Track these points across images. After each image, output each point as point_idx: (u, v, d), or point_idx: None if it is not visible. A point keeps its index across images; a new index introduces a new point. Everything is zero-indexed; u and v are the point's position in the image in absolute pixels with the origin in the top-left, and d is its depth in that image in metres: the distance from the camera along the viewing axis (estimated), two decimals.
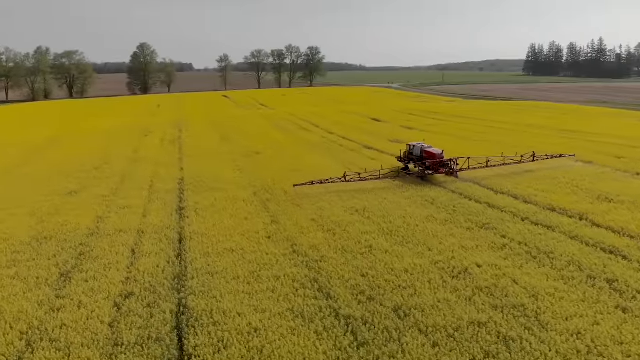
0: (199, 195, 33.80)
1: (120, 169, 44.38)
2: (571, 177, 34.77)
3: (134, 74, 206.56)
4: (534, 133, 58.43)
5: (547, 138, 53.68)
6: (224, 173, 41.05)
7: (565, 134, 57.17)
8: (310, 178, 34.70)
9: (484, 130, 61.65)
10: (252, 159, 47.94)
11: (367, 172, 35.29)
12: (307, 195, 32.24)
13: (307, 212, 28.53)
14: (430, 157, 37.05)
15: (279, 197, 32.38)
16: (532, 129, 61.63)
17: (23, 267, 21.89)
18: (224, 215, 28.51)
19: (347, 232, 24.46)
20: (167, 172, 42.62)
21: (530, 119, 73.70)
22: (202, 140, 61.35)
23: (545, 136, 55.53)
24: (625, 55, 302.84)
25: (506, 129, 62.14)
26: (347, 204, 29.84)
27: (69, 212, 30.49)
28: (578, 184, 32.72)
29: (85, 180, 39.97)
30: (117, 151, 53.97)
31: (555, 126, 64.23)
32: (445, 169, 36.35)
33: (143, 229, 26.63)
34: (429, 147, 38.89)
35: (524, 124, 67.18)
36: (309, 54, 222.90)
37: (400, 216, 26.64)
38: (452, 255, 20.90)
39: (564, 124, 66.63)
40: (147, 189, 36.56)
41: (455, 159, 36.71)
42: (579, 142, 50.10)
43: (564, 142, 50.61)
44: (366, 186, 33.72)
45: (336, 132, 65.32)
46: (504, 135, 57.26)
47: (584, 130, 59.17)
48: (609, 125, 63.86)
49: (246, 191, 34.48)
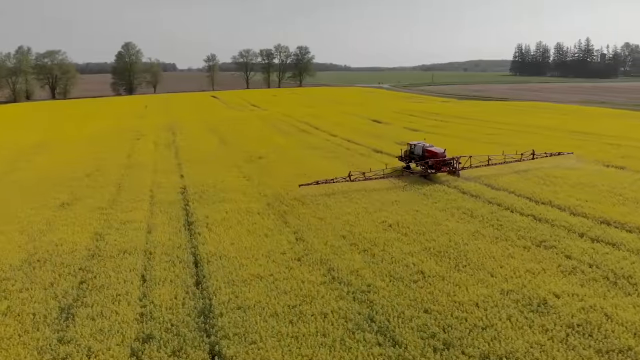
0: (207, 207, 30.57)
1: (115, 176, 40.86)
2: (609, 184, 32.29)
3: (119, 74, 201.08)
4: (545, 134, 56.11)
5: (560, 140, 51.36)
6: (229, 180, 37.82)
7: (577, 136, 55.04)
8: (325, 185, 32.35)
9: (492, 132, 59.21)
10: (256, 164, 44.74)
11: (371, 172, 34.83)
12: (328, 206, 29.25)
13: (333, 226, 25.51)
14: (432, 156, 37.17)
15: (296, 208, 29.30)
16: (541, 130, 59.40)
17: (15, 299, 18.57)
18: (240, 232, 25.35)
19: (388, 252, 21.49)
20: (166, 179, 39.25)
21: (535, 119, 71.66)
22: (198, 143, 57.93)
23: (557, 138, 53.21)
24: (612, 55, 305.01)
25: (515, 131, 59.77)
26: (376, 217, 26.88)
27: (63, 228, 27.10)
28: (621, 192, 30.27)
29: (77, 190, 36.41)
30: (109, 156, 50.32)
31: (563, 127, 62.14)
32: (448, 168, 36.31)
33: (150, 249, 23.37)
34: (430, 146, 39.10)
35: (530, 124, 64.97)
36: (298, 54, 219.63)
37: (442, 232, 23.77)
38: (522, 282, 18.07)
39: (572, 125, 64.60)
40: (147, 199, 33.22)
41: (458, 158, 36.72)
42: (596, 145, 48.01)
43: (579, 144, 48.46)
44: (380, 187, 30.91)
45: (339, 134, 62.35)
46: (515, 136, 54.79)
47: (596, 132, 57.11)
48: (618, 127, 61.96)
49: (258, 202, 31.37)
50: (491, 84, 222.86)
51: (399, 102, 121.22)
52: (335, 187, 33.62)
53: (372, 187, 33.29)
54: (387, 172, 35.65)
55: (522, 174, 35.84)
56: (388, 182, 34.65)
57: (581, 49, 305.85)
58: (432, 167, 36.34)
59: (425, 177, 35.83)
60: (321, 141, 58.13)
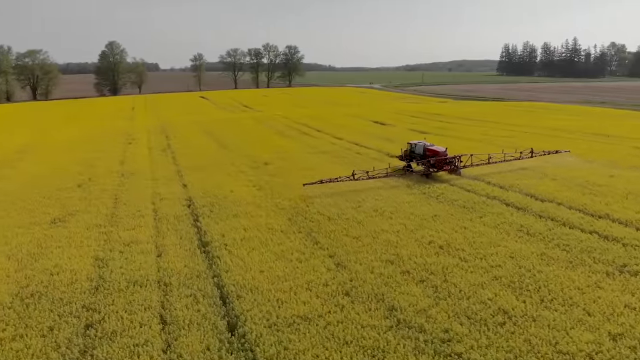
0: (221, 223, 27.06)
1: (110, 186, 37.03)
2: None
3: (102, 74, 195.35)
4: (568, 138, 53.11)
5: (591, 143, 48.85)
6: (239, 190, 34.30)
7: (599, 139, 52.73)
8: (342, 194, 29.94)
9: (508, 135, 56.40)
10: (263, 171, 41.24)
11: (374, 170, 34.67)
12: (359, 222, 25.94)
13: (373, 248, 22.19)
14: (434, 154, 37.40)
15: (323, 224, 25.92)
16: (560, 133, 56.76)
17: (8, 352, 14.93)
18: (267, 255, 21.90)
19: (452, 284, 18.23)
20: (168, 190, 35.56)
21: (547, 121, 69.25)
22: (196, 148, 54.14)
23: (585, 141, 50.51)
24: (599, 54, 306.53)
25: (533, 133, 57.06)
26: (420, 235, 23.64)
27: (57, 252, 23.40)
28: None
29: (69, 203, 32.56)
30: (100, 163, 46.33)
31: (581, 129, 59.59)
32: (449, 167, 36.55)
33: (165, 280, 19.81)
34: (431, 145, 39.57)
35: (545, 126, 62.39)
36: (287, 53, 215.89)
37: (505, 256, 20.61)
38: (627, 322, 14.98)
39: (589, 127, 62.07)
40: (150, 214, 29.55)
41: (459, 156, 36.95)
42: (626, 148, 45.43)
43: (610, 148, 45.90)
44: (400, 193, 27.65)
45: (344, 137, 59.04)
46: (537, 140, 51.60)
47: (619, 135, 54.64)
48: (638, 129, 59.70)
49: (278, 216, 27.93)
50: (481, 84, 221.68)
51: (395, 102, 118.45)
52: (359, 198, 30.42)
53: (391, 194, 30.13)
54: (389, 171, 35.42)
55: (549, 179, 33.37)
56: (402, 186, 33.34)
57: (568, 48, 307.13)
58: (434, 165, 36.48)
59: (427, 176, 35.94)
60: (327, 144, 54.83)
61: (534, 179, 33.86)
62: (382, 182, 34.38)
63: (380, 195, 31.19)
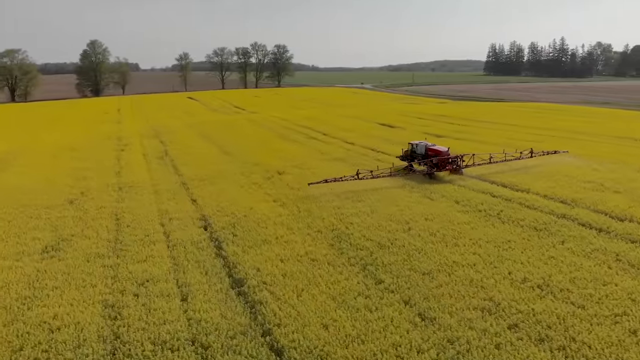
0: (250, 251, 22.60)
1: (107, 202, 32.21)
2: None
3: (84, 74, 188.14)
4: (596, 141, 49.76)
5: (627, 148, 45.47)
6: (259, 207, 29.80)
7: (628, 142, 49.31)
8: (383, 212, 26.74)
9: (535, 139, 52.39)
10: (279, 182, 36.80)
11: (378, 170, 35.10)
12: (420, 251, 21.69)
13: (456, 290, 17.90)
14: (437, 154, 37.48)
15: (376, 253, 21.59)
16: (587, 137, 53.04)
17: None
18: (323, 301, 17.47)
19: (582, 343, 14.05)
20: (176, 206, 30.93)
21: (564, 123, 66.02)
22: (196, 154, 49.33)
23: (618, 145, 47.14)
24: (587, 54, 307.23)
25: (560, 137, 52.87)
26: (504, 270, 19.46)
27: (54, 295, 18.78)
28: None
29: (61, 224, 27.77)
30: (93, 174, 41.31)
31: (605, 132, 56.28)
32: (452, 166, 36.62)
33: (201, 339, 15.31)
34: (433, 145, 39.96)
35: (567, 129, 58.84)
36: (276, 53, 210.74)
37: (623, 297, 16.57)
38: None
39: (612, 129, 58.72)
40: (161, 239, 24.92)
41: (461, 156, 37.26)
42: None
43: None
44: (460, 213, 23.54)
45: (356, 142, 54.84)
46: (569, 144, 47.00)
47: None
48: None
49: (317, 242, 23.55)
50: (471, 84, 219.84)
51: (393, 103, 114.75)
52: (396, 210, 26.32)
53: (437, 209, 25.97)
54: (392, 171, 35.68)
55: (610, 191, 29.69)
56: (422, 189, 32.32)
57: (556, 48, 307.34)
58: (437, 165, 36.63)
59: (430, 175, 36.13)
60: (339, 150, 50.50)
61: (596, 192, 29.97)
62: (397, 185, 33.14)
63: (426, 212, 27.00)
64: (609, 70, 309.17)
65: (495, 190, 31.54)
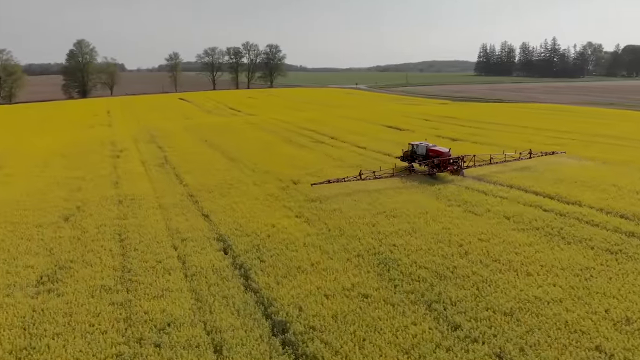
0: (285, 283, 19.26)
1: (108, 219, 28.56)
2: None
3: (70, 75, 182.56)
4: (635, 147, 46.31)
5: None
6: (282, 225, 26.43)
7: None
8: (425, 230, 23.27)
9: (557, 142, 49.57)
10: (297, 193, 33.44)
11: (381, 170, 35.44)
12: (486, 281, 18.46)
13: (553, 338, 14.69)
14: (438, 155, 37.71)
15: (438, 286, 18.29)
16: (617, 141, 49.66)
17: None
18: (394, 355, 14.11)
19: None
20: (187, 223, 27.44)
21: (578, 125, 63.17)
22: (199, 162, 45.55)
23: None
24: (579, 54, 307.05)
25: (587, 141, 49.95)
26: (599, 307, 16.27)
27: (56, 346, 15.53)
28: None
29: (58, 248, 24.19)
30: (88, 185, 37.53)
31: (625, 135, 53.50)
32: (453, 167, 36.68)
33: None
34: (434, 145, 40.43)
35: (590, 133, 55.87)
36: (268, 53, 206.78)
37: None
38: None
39: (631, 132, 56.11)
40: (176, 267, 21.46)
41: (463, 157, 37.46)
42: None
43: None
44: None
45: (369, 146, 51.52)
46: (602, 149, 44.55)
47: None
48: None
49: (362, 271, 20.20)
50: (466, 84, 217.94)
51: (394, 104, 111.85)
52: (440, 229, 23.02)
53: (494, 229, 22.77)
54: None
55: None
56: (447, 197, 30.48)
57: (547, 48, 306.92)
58: (439, 166, 36.88)
59: (431, 176, 36.40)
60: (352, 155, 47.17)
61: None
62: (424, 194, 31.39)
63: (476, 231, 23.81)
64: (599, 70, 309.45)
65: (542, 203, 28.47)
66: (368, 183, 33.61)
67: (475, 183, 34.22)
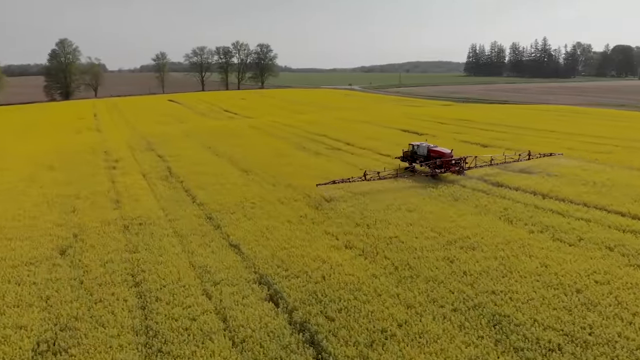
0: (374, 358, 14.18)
1: (116, 254, 23.23)
2: None
3: (53, 76, 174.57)
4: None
5: None
6: (335, 260, 21.57)
7: None
8: (520, 268, 19.16)
9: (599, 149, 45.38)
10: (334, 213, 28.50)
11: (385, 171, 35.49)
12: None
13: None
14: (440, 156, 37.76)
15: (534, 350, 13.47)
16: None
17: None
18: None
19: None
20: (215, 258, 22.37)
21: (606, 129, 59.17)
22: (208, 174, 39.88)
23: None
24: (570, 54, 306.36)
25: (626, 147, 46.04)
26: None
27: None
28: None
29: (55, 296, 19.08)
30: (84, 204, 31.98)
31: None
32: (455, 168, 36.55)
33: None
34: (435, 146, 40.13)
35: (622, 137, 51.85)
36: (259, 52, 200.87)
37: None
38: None
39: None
40: (219, 330, 16.50)
41: (465, 158, 37.47)
42: None
43: None
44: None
45: (392, 154, 46.38)
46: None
47: None
48: None
49: (473, 337, 15.30)
50: (460, 85, 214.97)
51: (395, 105, 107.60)
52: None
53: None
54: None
55: None
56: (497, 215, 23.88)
57: (537, 48, 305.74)
58: (441, 166, 36.81)
59: (433, 176, 36.39)
60: (378, 164, 41.93)
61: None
62: (474, 210, 26.09)
63: (584, 268, 19.10)
64: (589, 70, 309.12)
65: (636, 227, 23.87)
66: (396, 191, 32.37)
67: (522, 195, 30.80)
